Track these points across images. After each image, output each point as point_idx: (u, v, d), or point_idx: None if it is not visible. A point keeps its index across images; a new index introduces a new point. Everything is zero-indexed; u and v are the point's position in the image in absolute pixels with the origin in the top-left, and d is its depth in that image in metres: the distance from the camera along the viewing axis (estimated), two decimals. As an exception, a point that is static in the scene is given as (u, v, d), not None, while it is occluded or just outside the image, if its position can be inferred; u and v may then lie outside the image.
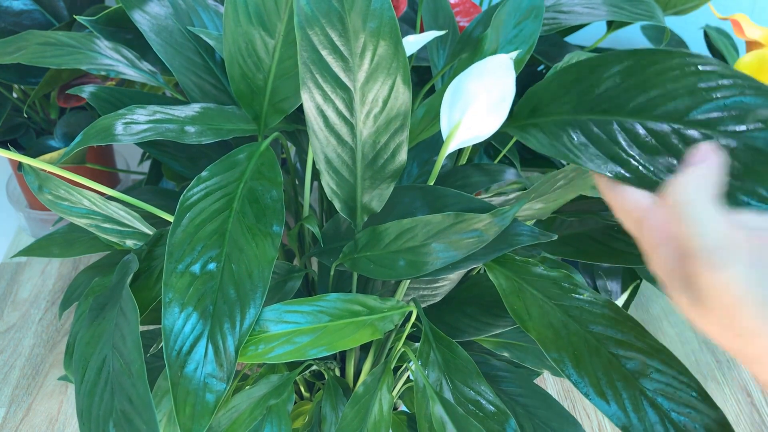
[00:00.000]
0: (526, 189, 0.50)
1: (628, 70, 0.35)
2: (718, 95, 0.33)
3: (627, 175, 0.35)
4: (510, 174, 0.53)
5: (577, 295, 0.43)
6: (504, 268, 0.45)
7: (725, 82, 0.33)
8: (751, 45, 0.69)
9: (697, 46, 0.91)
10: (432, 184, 0.46)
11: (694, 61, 0.33)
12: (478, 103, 0.40)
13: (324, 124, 0.41)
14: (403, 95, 0.40)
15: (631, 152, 0.35)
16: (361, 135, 0.42)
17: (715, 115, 0.33)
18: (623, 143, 0.35)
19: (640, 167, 0.34)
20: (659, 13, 0.64)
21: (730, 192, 0.32)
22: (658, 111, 0.34)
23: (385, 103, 0.41)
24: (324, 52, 0.39)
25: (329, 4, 0.38)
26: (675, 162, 0.34)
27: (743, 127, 0.32)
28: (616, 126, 0.36)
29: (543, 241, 0.42)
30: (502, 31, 0.49)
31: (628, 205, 0.34)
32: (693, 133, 0.33)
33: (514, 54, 0.40)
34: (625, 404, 0.38)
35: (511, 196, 0.47)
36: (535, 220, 0.57)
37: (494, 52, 0.49)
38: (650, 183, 0.34)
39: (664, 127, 0.34)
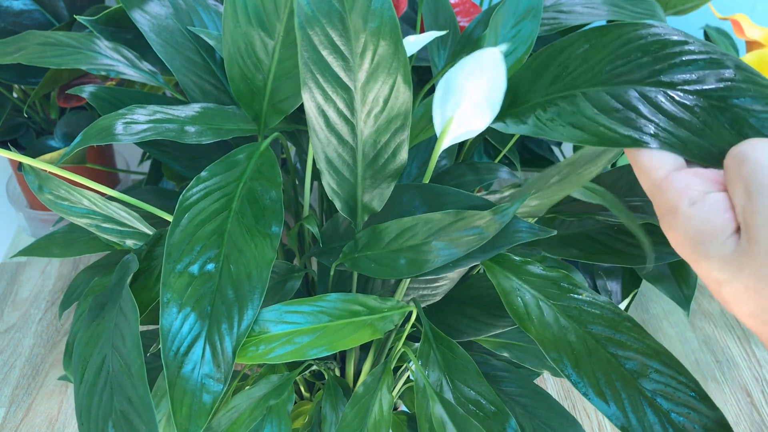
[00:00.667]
0: (520, 186, 0.50)
1: (596, 46, 0.36)
2: (683, 59, 0.34)
3: (586, 137, 0.36)
4: (503, 173, 0.52)
5: (575, 295, 0.43)
6: (503, 268, 0.45)
7: (689, 47, 0.34)
8: (751, 45, 0.69)
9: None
10: (428, 182, 0.46)
11: (660, 30, 0.34)
12: (470, 98, 0.39)
13: (325, 123, 0.41)
14: (403, 95, 0.40)
15: (593, 116, 0.36)
16: (362, 134, 0.42)
17: (679, 77, 0.34)
18: (585, 110, 0.36)
19: (600, 127, 0.35)
20: (660, 11, 0.64)
21: (690, 147, 0.33)
22: (623, 78, 0.35)
23: (386, 102, 0.41)
24: (325, 52, 0.39)
25: (330, 4, 0.38)
26: (633, 115, 0.34)
27: (706, 86, 0.33)
28: (580, 97, 0.36)
29: (542, 237, 0.42)
30: (501, 32, 0.49)
31: (649, 165, 0.33)
32: (656, 95, 0.34)
33: (504, 46, 0.40)
34: (624, 404, 0.38)
35: (506, 194, 0.47)
36: (535, 219, 0.57)
37: None
38: (608, 139, 0.35)
39: (629, 92, 0.35)
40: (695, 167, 0.33)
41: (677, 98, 0.34)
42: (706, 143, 0.33)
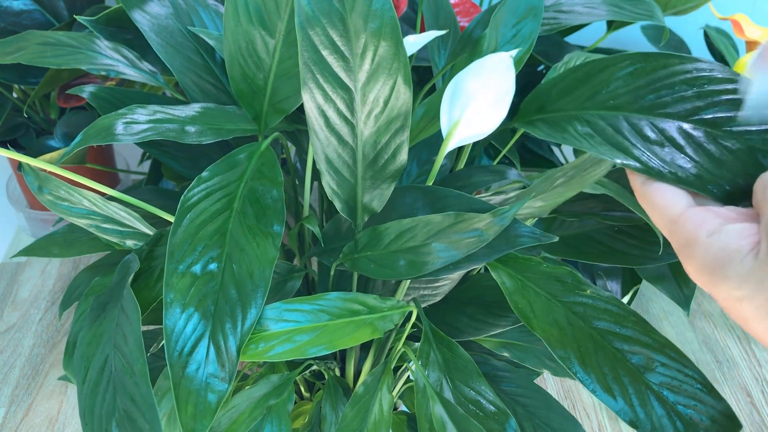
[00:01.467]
0: (525, 188, 0.50)
1: (639, 71, 0.36)
2: (727, 98, 0.34)
3: (632, 163, 0.35)
4: (512, 174, 0.52)
5: (580, 292, 0.43)
6: (507, 266, 0.45)
7: (734, 86, 0.34)
8: (751, 45, 0.69)
9: (697, 46, 0.91)
10: (431, 183, 0.46)
11: (706, 66, 0.34)
12: (478, 101, 0.40)
13: (325, 124, 0.41)
14: (404, 95, 0.40)
15: (635, 142, 0.36)
16: (362, 135, 0.42)
17: (721, 115, 0.34)
18: (627, 134, 0.36)
19: (644, 157, 0.35)
20: (659, 12, 0.64)
21: (724, 190, 0.34)
22: (666, 110, 0.35)
23: (386, 103, 0.41)
24: (325, 53, 0.39)
25: (330, 5, 0.38)
26: (679, 155, 0.34)
27: (746, 128, 0.33)
28: (622, 120, 0.36)
29: (544, 242, 0.42)
30: (501, 31, 0.49)
31: (664, 203, 0.34)
32: (698, 132, 0.34)
33: (514, 52, 0.40)
34: (632, 399, 0.39)
35: (511, 194, 0.47)
36: (536, 219, 0.57)
37: (493, 52, 0.49)
38: (656, 173, 0.35)
39: (670, 125, 0.35)
40: (708, 205, 0.33)
41: (719, 139, 0.34)
42: (744, 183, 0.33)
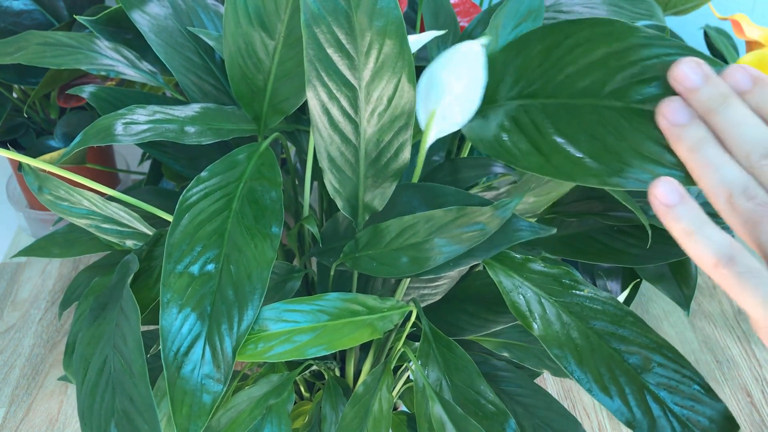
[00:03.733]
0: (516, 182, 0.50)
1: (547, 49, 0.35)
2: (627, 61, 0.32)
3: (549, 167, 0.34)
4: (497, 167, 0.52)
5: (577, 292, 0.43)
6: (504, 266, 0.45)
7: (635, 41, 0.32)
8: (751, 45, 0.69)
9: (697, 46, 0.91)
10: (416, 179, 0.46)
11: (602, 29, 0.32)
12: (451, 91, 0.39)
13: (328, 122, 0.41)
14: (407, 93, 0.40)
15: (552, 136, 0.34)
16: (365, 133, 0.42)
17: (626, 83, 0.32)
18: (548, 129, 0.35)
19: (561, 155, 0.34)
20: (659, 12, 0.64)
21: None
22: (576, 88, 0.34)
23: (390, 101, 0.41)
24: (330, 50, 0.39)
25: (336, 3, 0.38)
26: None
27: (654, 91, 0.31)
28: (542, 113, 0.35)
29: (543, 235, 0.42)
30: (501, 33, 0.49)
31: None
32: (608, 105, 0.33)
33: (484, 40, 0.40)
34: (629, 399, 0.38)
35: (502, 189, 0.47)
36: (536, 220, 0.57)
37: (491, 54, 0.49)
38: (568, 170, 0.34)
39: (582, 105, 0.33)
40: None
41: (623, 117, 0.32)
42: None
